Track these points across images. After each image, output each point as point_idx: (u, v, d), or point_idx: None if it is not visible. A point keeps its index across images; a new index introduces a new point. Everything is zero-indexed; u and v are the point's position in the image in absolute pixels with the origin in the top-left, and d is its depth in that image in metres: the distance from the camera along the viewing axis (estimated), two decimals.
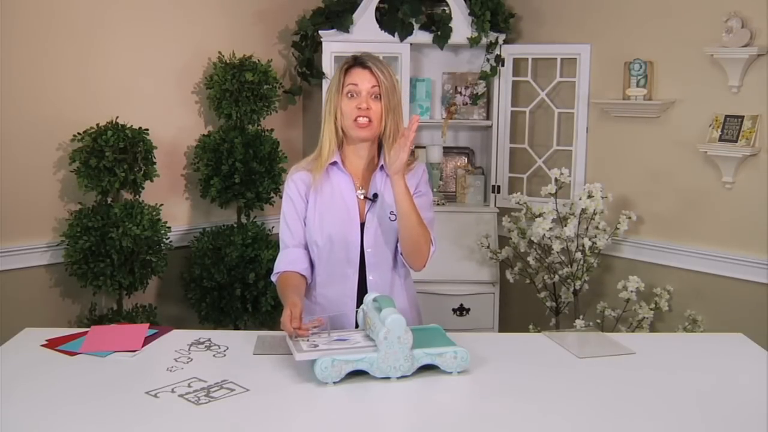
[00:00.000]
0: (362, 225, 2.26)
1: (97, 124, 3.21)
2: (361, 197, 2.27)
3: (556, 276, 3.50)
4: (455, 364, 1.98)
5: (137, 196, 3.30)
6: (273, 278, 2.30)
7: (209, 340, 2.22)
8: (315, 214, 2.26)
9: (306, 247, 2.30)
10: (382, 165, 2.26)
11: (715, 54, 3.18)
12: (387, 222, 2.25)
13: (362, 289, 2.24)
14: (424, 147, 3.96)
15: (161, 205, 3.38)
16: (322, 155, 2.25)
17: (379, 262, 2.26)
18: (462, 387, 1.94)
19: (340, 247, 2.24)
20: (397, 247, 2.28)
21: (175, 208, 3.66)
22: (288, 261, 2.27)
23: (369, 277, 2.26)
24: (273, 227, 3.79)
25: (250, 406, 1.81)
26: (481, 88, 3.93)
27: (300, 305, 2.05)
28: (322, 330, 2.07)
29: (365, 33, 3.71)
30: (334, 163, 2.27)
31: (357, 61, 2.22)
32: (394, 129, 2.21)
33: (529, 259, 3.56)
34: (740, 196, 3.23)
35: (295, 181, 2.29)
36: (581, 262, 3.40)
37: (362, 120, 2.18)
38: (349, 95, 2.20)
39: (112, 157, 3.13)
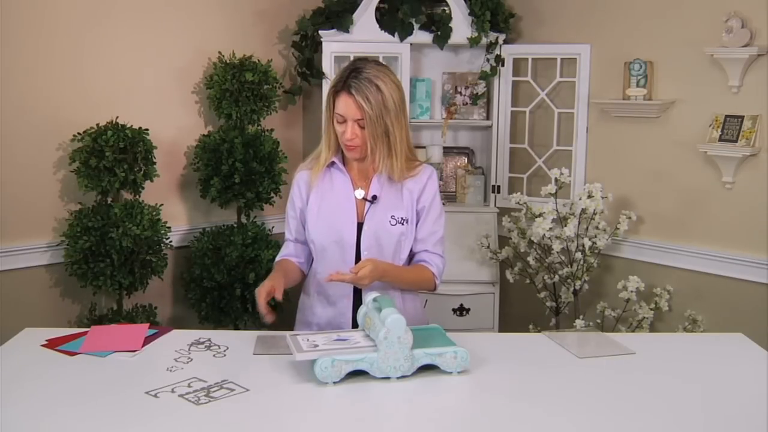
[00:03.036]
0: (361, 225, 2.26)
1: (97, 124, 3.21)
2: (360, 197, 2.28)
3: (556, 276, 3.50)
4: (455, 364, 1.98)
5: (137, 196, 3.30)
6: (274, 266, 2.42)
7: (209, 340, 2.22)
8: (313, 211, 2.29)
9: (303, 243, 2.38)
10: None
11: (715, 54, 3.18)
12: (387, 226, 2.26)
13: (359, 289, 2.25)
14: (424, 147, 3.96)
15: (161, 205, 3.38)
16: (319, 161, 2.30)
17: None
18: (462, 387, 1.94)
19: (335, 246, 2.26)
20: (397, 251, 2.28)
21: (175, 208, 3.66)
22: (286, 253, 2.41)
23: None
24: (273, 227, 3.79)
25: (250, 406, 1.81)
26: (481, 88, 3.93)
27: (281, 281, 2.17)
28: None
29: (365, 33, 3.71)
30: (335, 163, 2.30)
31: (345, 86, 2.17)
32: (386, 151, 2.21)
33: (529, 259, 3.56)
34: (740, 196, 3.23)
35: (298, 181, 2.36)
36: (581, 262, 3.40)
37: (350, 146, 2.22)
38: (337, 120, 2.21)
39: (112, 157, 3.13)
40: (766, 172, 3.16)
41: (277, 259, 2.42)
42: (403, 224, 2.27)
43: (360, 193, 2.28)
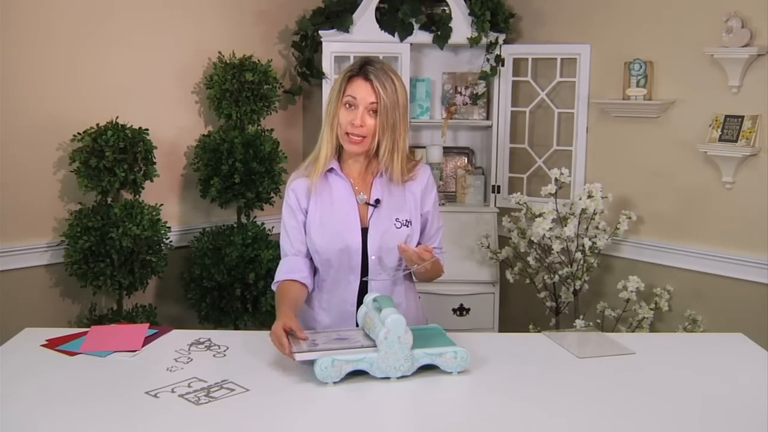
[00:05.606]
0: (366, 231, 2.24)
1: (97, 124, 3.21)
2: (362, 202, 2.25)
3: (556, 276, 3.49)
4: (455, 364, 1.98)
5: (137, 196, 3.30)
6: (273, 287, 2.28)
7: (209, 340, 2.22)
8: (315, 221, 2.24)
9: (306, 255, 2.28)
10: (382, 171, 2.25)
11: (715, 54, 3.18)
12: (393, 229, 2.23)
13: (362, 295, 2.20)
14: (424, 147, 3.96)
15: (161, 205, 3.38)
16: (319, 161, 2.23)
17: (382, 269, 2.23)
18: (462, 387, 1.94)
19: (341, 254, 2.22)
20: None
21: (175, 208, 3.66)
22: (287, 269, 2.25)
23: (371, 284, 2.23)
24: (273, 227, 3.79)
25: (250, 406, 1.81)
26: (481, 88, 3.93)
27: (295, 320, 2.03)
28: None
29: (365, 33, 3.71)
30: (333, 169, 2.25)
31: (361, 71, 2.15)
32: (390, 146, 2.18)
33: (529, 259, 3.56)
34: (740, 196, 3.23)
35: (295, 190, 2.27)
36: (581, 262, 3.40)
37: (355, 137, 2.16)
38: (346, 105, 2.16)
39: (112, 157, 3.13)
40: (766, 172, 3.16)
41: (278, 279, 2.25)
42: (407, 226, 2.25)
43: (362, 198, 2.25)
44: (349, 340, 2.00)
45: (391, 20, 3.73)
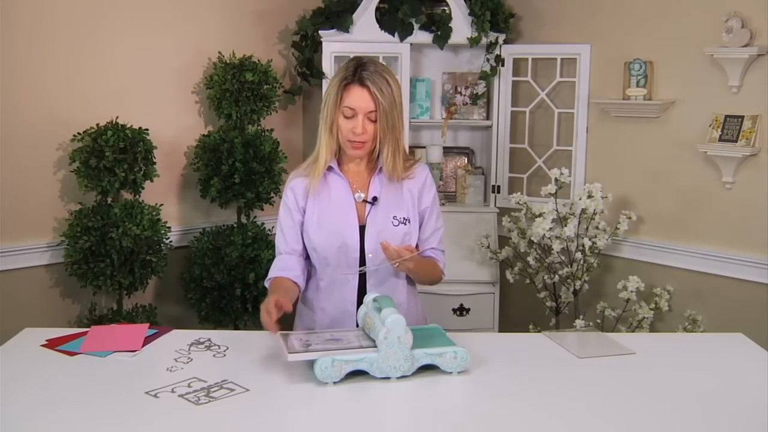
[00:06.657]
0: (363, 229, 2.24)
1: (97, 124, 3.21)
2: (360, 200, 2.25)
3: (556, 276, 3.50)
4: (455, 364, 1.98)
5: (137, 196, 3.30)
6: (266, 284, 2.30)
7: (209, 340, 2.22)
8: (313, 220, 2.25)
9: (300, 254, 2.29)
10: (381, 167, 2.25)
11: (715, 54, 3.19)
12: (390, 227, 2.24)
13: (362, 294, 2.22)
14: (424, 147, 3.96)
15: (161, 205, 3.38)
16: (318, 162, 2.23)
17: (380, 268, 2.24)
18: (462, 387, 1.94)
19: (339, 252, 2.23)
20: None
21: (175, 208, 3.66)
22: (280, 267, 2.28)
23: (369, 281, 2.24)
24: (273, 227, 3.78)
25: (250, 406, 1.81)
26: (481, 88, 3.93)
27: (287, 299, 2.08)
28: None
29: (365, 33, 3.71)
30: (331, 168, 2.26)
31: (356, 78, 2.14)
32: (394, 146, 2.20)
33: (529, 259, 3.56)
34: (740, 196, 3.24)
35: (293, 189, 2.28)
36: (581, 262, 3.40)
37: (357, 143, 2.18)
38: (345, 114, 2.16)
39: (112, 157, 3.13)
40: (766, 172, 3.16)
41: (271, 275, 2.28)
42: (405, 224, 2.26)
43: (360, 196, 2.25)
44: (342, 341, 2.00)
45: (391, 20, 3.73)
